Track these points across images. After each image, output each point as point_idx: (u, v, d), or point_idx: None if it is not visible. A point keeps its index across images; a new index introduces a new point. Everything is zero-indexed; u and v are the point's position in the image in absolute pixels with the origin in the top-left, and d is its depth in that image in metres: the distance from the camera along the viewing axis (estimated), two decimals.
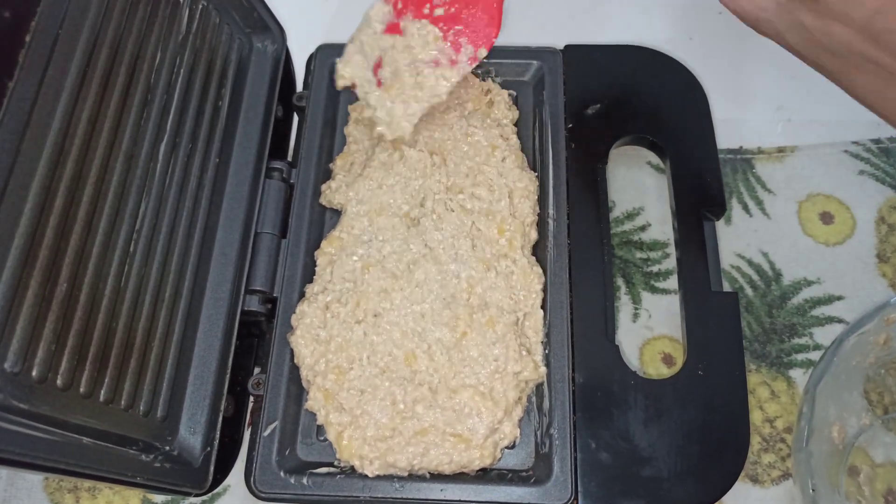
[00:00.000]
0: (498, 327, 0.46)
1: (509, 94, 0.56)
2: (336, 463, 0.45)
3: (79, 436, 0.38)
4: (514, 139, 0.53)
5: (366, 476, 0.44)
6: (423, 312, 0.47)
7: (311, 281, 0.50)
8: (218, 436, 0.46)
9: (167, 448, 0.44)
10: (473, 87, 0.55)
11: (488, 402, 0.44)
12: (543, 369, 0.46)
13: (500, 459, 0.45)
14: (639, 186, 0.58)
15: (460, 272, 0.48)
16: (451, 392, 0.45)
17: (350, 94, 0.56)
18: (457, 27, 0.46)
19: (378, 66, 0.46)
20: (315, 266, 0.50)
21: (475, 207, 0.50)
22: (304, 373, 0.47)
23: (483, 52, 0.45)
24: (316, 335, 0.47)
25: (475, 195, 0.50)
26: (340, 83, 0.49)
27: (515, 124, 0.55)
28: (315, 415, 0.46)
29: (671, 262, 0.55)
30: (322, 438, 0.47)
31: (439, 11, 0.46)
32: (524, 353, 0.46)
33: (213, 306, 0.48)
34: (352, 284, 0.48)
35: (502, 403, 0.45)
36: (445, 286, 0.48)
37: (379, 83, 0.46)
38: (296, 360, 0.47)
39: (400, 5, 0.47)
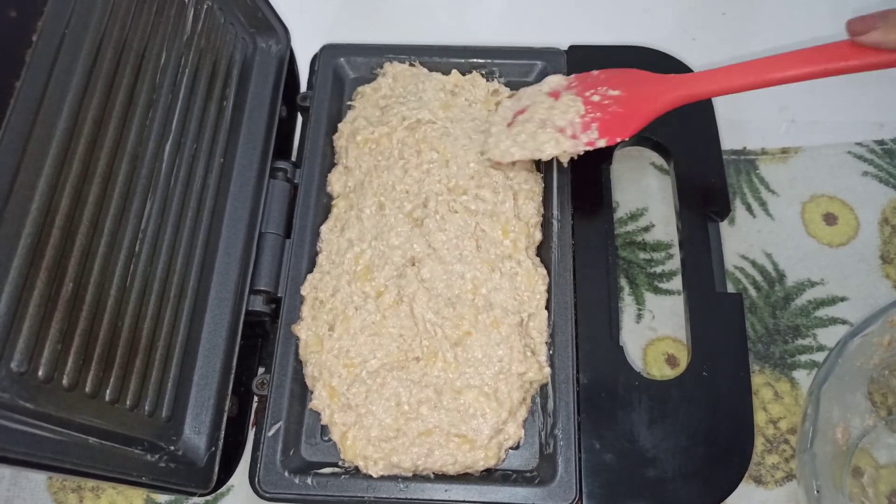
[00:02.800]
0: (502, 328, 0.46)
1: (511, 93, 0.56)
2: (340, 463, 0.46)
3: (84, 435, 0.38)
4: None
5: (370, 476, 0.44)
6: (427, 312, 0.47)
7: None
8: (222, 436, 0.46)
9: (172, 448, 0.44)
10: (480, 87, 0.55)
11: (493, 403, 0.44)
12: (548, 370, 0.46)
13: (504, 460, 0.45)
14: (643, 187, 0.58)
15: (465, 273, 0.48)
16: (455, 393, 0.45)
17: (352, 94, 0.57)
18: (597, 113, 0.48)
19: (521, 112, 0.50)
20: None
21: (479, 209, 0.50)
22: (308, 370, 0.47)
23: (602, 143, 0.47)
24: (320, 332, 0.47)
25: (479, 196, 0.50)
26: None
27: None
28: (319, 415, 0.46)
29: (675, 263, 0.55)
30: (326, 439, 0.47)
31: (595, 98, 0.49)
32: (528, 353, 0.46)
33: (218, 306, 0.48)
34: (357, 284, 0.48)
35: (507, 404, 0.45)
36: (450, 286, 0.48)
37: (511, 122, 0.50)
38: (301, 354, 0.47)
39: (574, 84, 0.51)
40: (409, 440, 0.44)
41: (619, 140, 0.47)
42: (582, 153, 0.48)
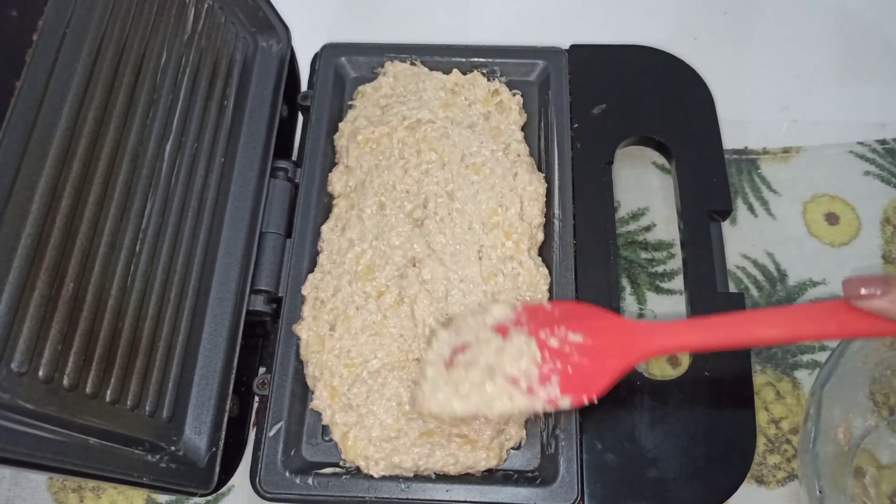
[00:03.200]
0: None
1: (513, 94, 0.56)
2: (341, 463, 0.45)
3: (85, 436, 0.38)
4: (524, 146, 0.53)
5: (371, 476, 0.44)
6: (428, 317, 0.47)
7: None
8: (223, 436, 0.46)
9: (172, 448, 0.44)
10: (481, 86, 0.55)
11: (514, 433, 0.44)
12: None
13: (505, 460, 0.45)
14: (644, 187, 0.58)
15: (465, 275, 0.48)
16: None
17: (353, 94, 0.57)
18: (556, 363, 0.41)
19: (461, 349, 0.42)
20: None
21: (480, 211, 0.50)
22: (309, 370, 0.47)
23: (566, 403, 0.40)
24: (321, 332, 0.47)
25: (481, 200, 0.50)
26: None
27: (522, 128, 0.54)
28: (320, 415, 0.46)
29: (676, 263, 0.55)
30: (327, 439, 0.46)
31: (553, 342, 0.41)
32: None
33: (219, 306, 0.48)
34: (358, 284, 0.48)
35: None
36: (451, 289, 0.47)
37: (450, 362, 0.42)
38: (302, 354, 0.47)
39: (524, 319, 0.43)
40: (410, 440, 0.44)
41: (585, 401, 0.40)
42: (540, 413, 0.42)
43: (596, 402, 0.40)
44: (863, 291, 0.36)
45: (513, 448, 0.46)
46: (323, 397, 0.46)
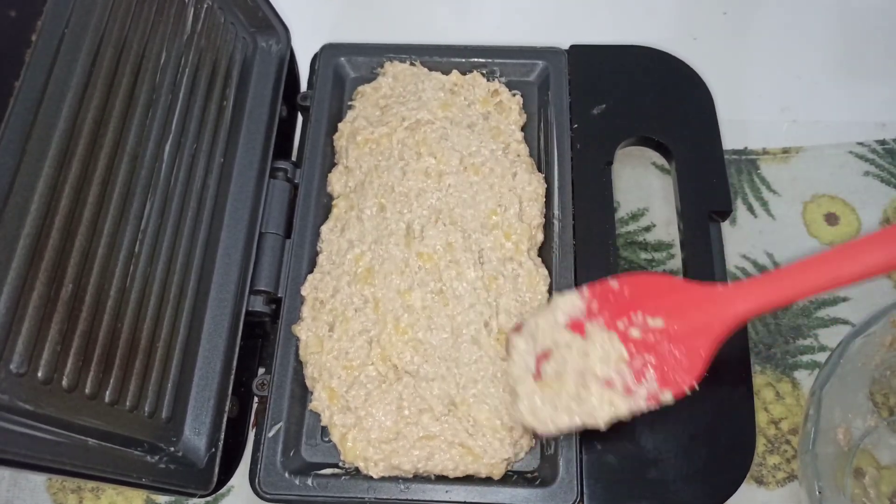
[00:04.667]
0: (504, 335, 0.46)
1: (513, 94, 0.55)
2: (340, 464, 0.45)
3: (84, 437, 0.38)
4: (524, 147, 0.53)
5: (370, 477, 0.44)
6: (427, 319, 0.47)
7: None
8: (222, 437, 0.46)
9: (172, 449, 0.44)
10: (480, 87, 0.55)
11: (505, 434, 0.44)
12: None
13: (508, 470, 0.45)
14: (644, 187, 0.58)
15: (465, 278, 0.48)
16: (465, 407, 0.44)
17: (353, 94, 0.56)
18: (648, 356, 0.39)
19: (544, 356, 0.41)
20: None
21: (479, 212, 0.50)
22: (308, 371, 0.47)
23: (668, 397, 0.39)
24: (321, 332, 0.47)
25: (479, 201, 0.50)
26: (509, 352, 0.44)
27: (522, 128, 0.54)
28: (319, 416, 0.46)
29: (676, 263, 0.55)
30: (326, 440, 0.46)
31: (634, 332, 0.40)
32: None
33: (218, 307, 0.48)
34: (357, 286, 0.48)
35: (520, 429, 0.44)
36: (451, 290, 0.47)
37: (538, 374, 0.40)
38: (301, 354, 0.47)
39: (595, 307, 0.41)
40: (409, 443, 0.44)
41: (686, 391, 0.39)
42: (641, 411, 0.40)
43: (697, 388, 0.39)
44: None
45: (518, 462, 0.45)
46: (322, 398, 0.46)
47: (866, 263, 0.37)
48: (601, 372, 0.40)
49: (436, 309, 0.47)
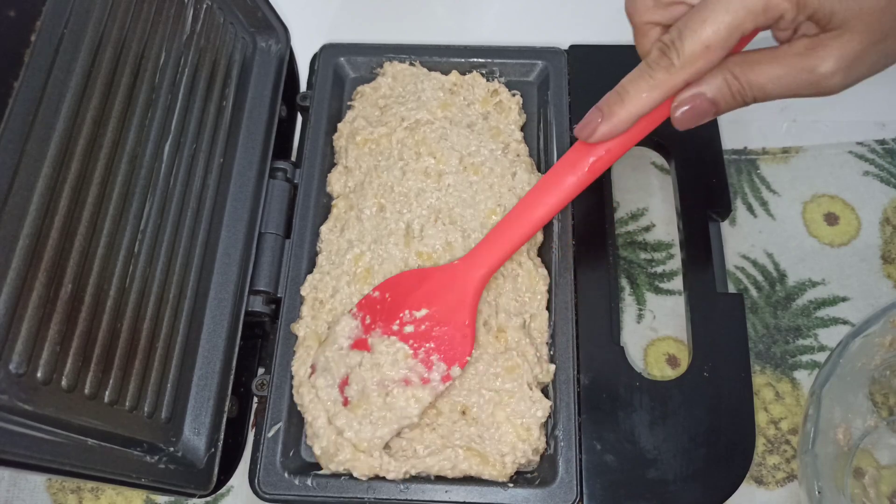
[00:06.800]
0: (508, 333, 0.46)
1: (512, 94, 0.55)
2: None
3: (83, 437, 0.38)
4: (523, 147, 0.53)
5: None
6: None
7: None
8: (222, 437, 0.46)
9: (171, 449, 0.44)
10: (480, 86, 0.55)
11: (526, 446, 0.44)
12: (552, 366, 0.46)
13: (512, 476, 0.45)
14: (643, 187, 0.58)
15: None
16: (487, 416, 0.44)
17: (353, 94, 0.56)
18: (428, 344, 0.44)
19: (345, 383, 0.44)
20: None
21: (478, 212, 0.50)
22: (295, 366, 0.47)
23: (457, 371, 0.43)
24: (320, 332, 0.47)
25: (479, 201, 0.50)
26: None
27: (521, 128, 0.54)
28: None
29: (676, 263, 0.55)
30: None
31: (409, 329, 0.44)
32: (537, 356, 0.46)
33: (217, 307, 0.48)
34: (356, 286, 0.48)
35: (535, 434, 0.44)
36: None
37: (346, 402, 0.44)
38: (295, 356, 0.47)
39: (368, 320, 0.46)
40: (420, 448, 0.44)
41: (468, 358, 0.44)
42: (442, 392, 0.44)
43: (472, 355, 0.44)
44: (586, 128, 0.41)
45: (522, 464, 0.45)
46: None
47: (556, 198, 0.44)
48: (395, 374, 0.43)
49: None
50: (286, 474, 0.44)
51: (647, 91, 0.39)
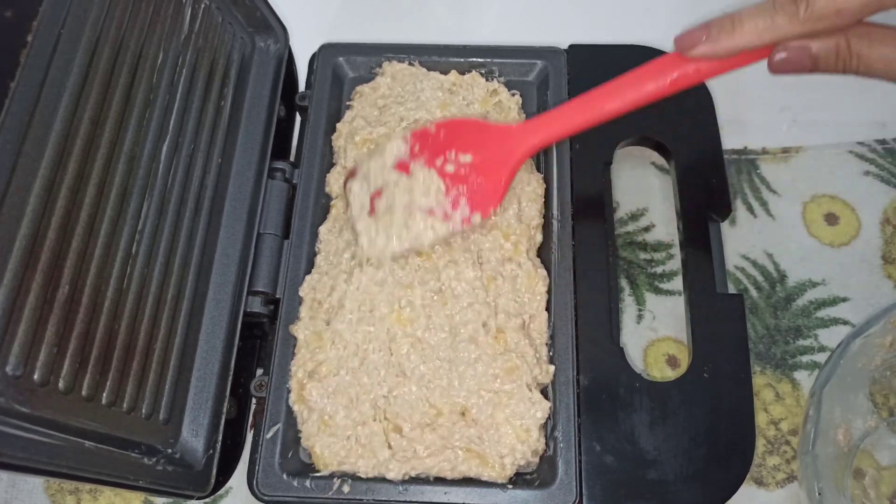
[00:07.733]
0: (509, 335, 0.46)
1: (512, 94, 0.55)
2: None
3: (81, 439, 0.37)
4: None
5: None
6: (426, 318, 0.47)
7: None
8: (220, 438, 0.45)
9: (169, 451, 0.43)
10: (479, 86, 0.55)
11: (524, 442, 0.44)
12: (552, 367, 0.46)
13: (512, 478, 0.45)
14: (643, 187, 0.58)
15: (463, 278, 0.47)
16: (486, 417, 0.44)
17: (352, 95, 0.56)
18: (461, 187, 0.47)
19: (377, 195, 0.47)
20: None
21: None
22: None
23: (477, 219, 0.46)
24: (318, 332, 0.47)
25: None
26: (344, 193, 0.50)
27: None
28: None
29: (675, 264, 0.55)
30: None
31: (450, 168, 0.47)
32: (537, 357, 0.46)
33: (216, 308, 0.48)
34: (355, 289, 0.48)
35: (535, 436, 0.44)
36: (450, 289, 0.47)
37: (372, 210, 0.47)
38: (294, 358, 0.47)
39: (417, 149, 0.48)
40: (420, 448, 0.44)
41: (492, 211, 0.47)
42: (457, 232, 0.47)
43: (497, 210, 0.48)
44: (688, 40, 0.41)
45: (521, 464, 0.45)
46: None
47: (631, 97, 0.44)
48: (424, 202, 0.46)
49: (434, 308, 0.47)
50: (285, 475, 0.44)
51: (762, 30, 0.38)
